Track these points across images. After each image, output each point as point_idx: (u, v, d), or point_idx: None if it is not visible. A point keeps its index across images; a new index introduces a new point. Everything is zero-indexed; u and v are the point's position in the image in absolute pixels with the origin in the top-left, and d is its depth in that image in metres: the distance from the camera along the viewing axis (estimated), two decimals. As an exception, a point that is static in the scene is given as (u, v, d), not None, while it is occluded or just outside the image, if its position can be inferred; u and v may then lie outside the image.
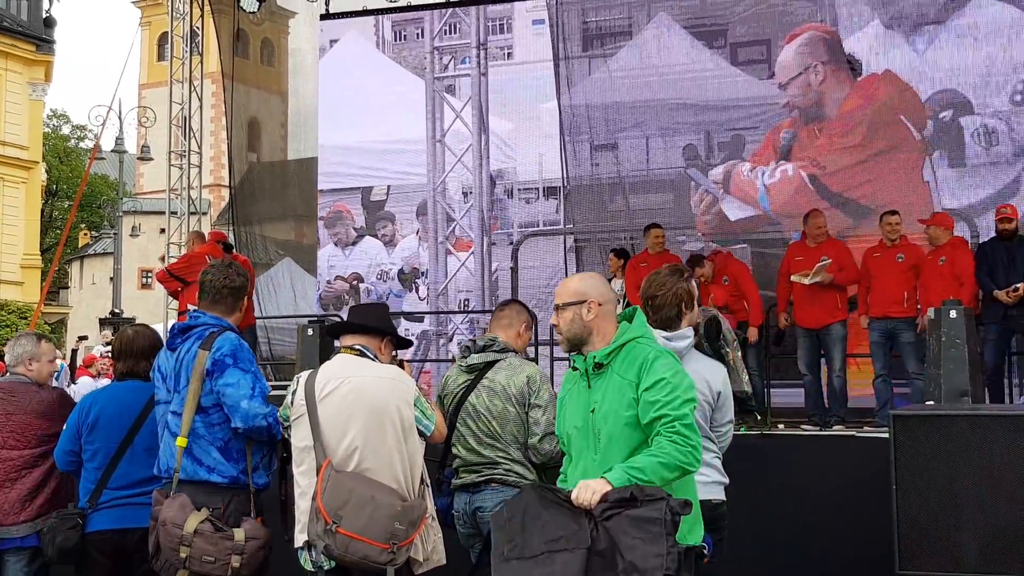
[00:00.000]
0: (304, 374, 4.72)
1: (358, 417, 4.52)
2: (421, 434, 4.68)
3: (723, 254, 11.18)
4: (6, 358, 6.09)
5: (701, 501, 4.26)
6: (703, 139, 16.10)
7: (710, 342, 4.84)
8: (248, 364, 4.89)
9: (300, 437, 4.59)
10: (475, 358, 5.43)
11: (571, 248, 16.41)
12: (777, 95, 15.34)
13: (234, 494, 4.79)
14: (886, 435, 5.80)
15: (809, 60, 14.99)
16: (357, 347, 4.76)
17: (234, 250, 12.80)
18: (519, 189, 17.42)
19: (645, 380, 3.90)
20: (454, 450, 5.42)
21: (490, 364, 5.40)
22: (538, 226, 17.20)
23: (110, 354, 5.85)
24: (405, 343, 4.98)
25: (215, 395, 4.77)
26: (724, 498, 4.66)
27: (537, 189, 17.38)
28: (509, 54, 17.80)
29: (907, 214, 11.09)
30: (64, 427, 5.49)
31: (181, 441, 4.74)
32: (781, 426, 9.54)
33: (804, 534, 7.44)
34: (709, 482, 4.55)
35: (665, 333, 4.51)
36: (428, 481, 4.78)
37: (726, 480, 4.69)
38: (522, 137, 17.20)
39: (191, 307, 5.30)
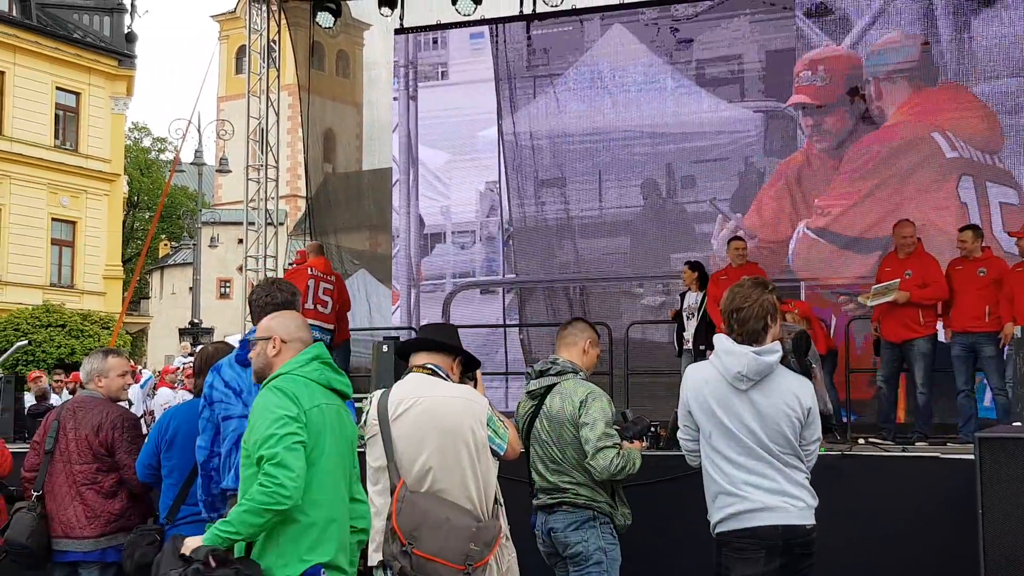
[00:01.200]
0: (377, 393, 4.73)
1: (431, 437, 4.51)
2: (495, 453, 4.67)
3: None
4: (81, 375, 6.22)
5: (794, 527, 4.34)
6: (664, 173, 14.68)
7: (798, 358, 4.75)
8: None
9: (374, 456, 4.60)
10: (534, 384, 5.51)
11: (512, 302, 15.16)
12: (750, 119, 14.01)
13: None
14: (970, 456, 5.64)
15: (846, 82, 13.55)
16: (429, 366, 4.75)
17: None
18: (453, 232, 15.85)
19: (251, 419, 4.18)
20: (532, 474, 5.56)
21: (549, 388, 5.45)
22: (474, 275, 15.76)
23: (191, 366, 5.96)
24: (475, 362, 4.96)
25: None
26: (814, 522, 4.55)
27: (473, 232, 15.77)
28: (443, 73, 16.24)
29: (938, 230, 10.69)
30: (145, 440, 5.65)
31: None
32: (861, 441, 9.37)
33: (886, 558, 7.28)
34: (803, 507, 4.47)
35: (753, 348, 4.45)
36: (502, 501, 4.77)
37: (816, 503, 4.58)
38: (457, 171, 15.70)
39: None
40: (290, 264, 14.30)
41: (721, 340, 4.56)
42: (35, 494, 5.91)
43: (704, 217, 14.29)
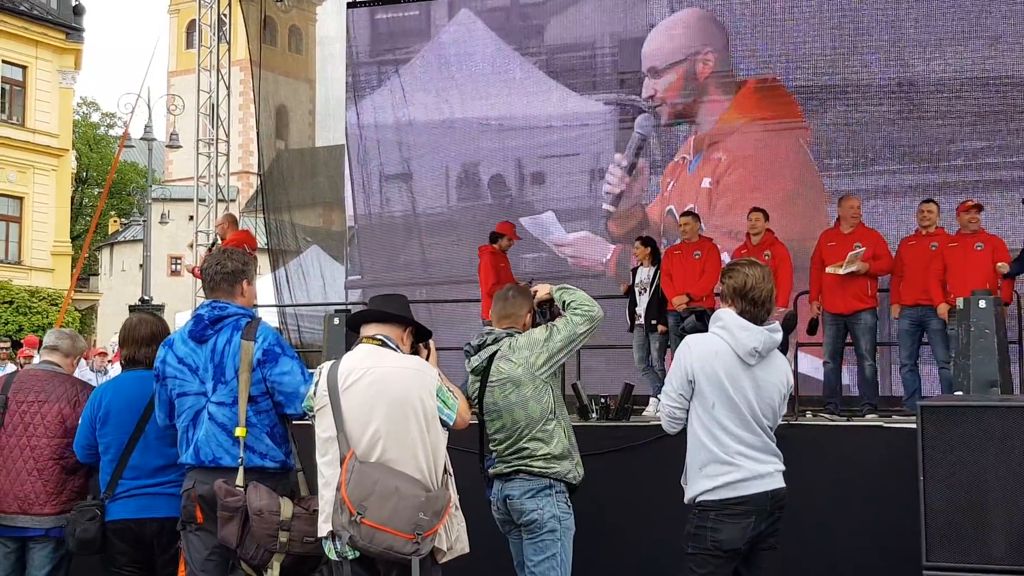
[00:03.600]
0: (327, 364, 4.74)
1: (381, 407, 4.54)
2: (443, 424, 4.71)
3: (771, 231, 10.96)
4: (63, 346, 6.10)
5: (778, 490, 4.76)
6: (513, 168, 14.31)
7: (785, 336, 5.00)
8: (291, 350, 5.04)
9: (324, 427, 4.62)
10: (475, 360, 5.58)
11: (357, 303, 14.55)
12: (601, 112, 13.71)
13: (280, 477, 4.91)
14: (914, 425, 5.77)
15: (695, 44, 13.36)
16: (379, 337, 4.78)
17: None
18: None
19: None
20: (489, 444, 5.63)
21: (491, 358, 5.52)
22: None
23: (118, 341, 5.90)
24: (426, 333, 4.99)
25: (265, 384, 4.86)
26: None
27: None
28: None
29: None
30: (80, 420, 5.56)
31: (241, 431, 4.81)
32: (808, 414, 9.51)
33: (831, 525, 7.43)
34: (781, 472, 4.84)
35: (765, 326, 4.77)
36: (451, 471, 4.81)
37: (784, 467, 4.91)
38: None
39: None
40: (213, 244, 14.07)
41: (731, 316, 4.79)
42: None
43: (557, 215, 14.01)
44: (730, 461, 4.71)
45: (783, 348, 5.01)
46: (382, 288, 14.20)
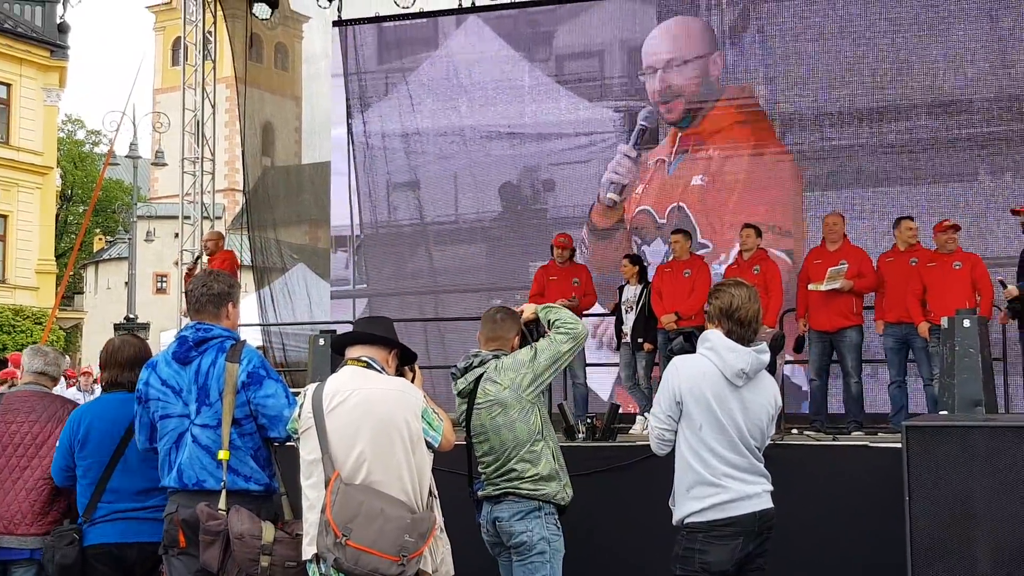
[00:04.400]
0: (311, 387, 4.75)
1: (366, 429, 4.54)
2: (429, 446, 4.71)
3: (763, 249, 10.94)
4: (36, 366, 6.03)
5: (766, 511, 4.76)
6: (523, 176, 14.33)
7: (772, 357, 5.02)
8: (276, 373, 5.03)
9: (308, 449, 4.61)
10: (462, 383, 5.59)
11: (364, 312, 14.70)
12: (611, 119, 13.73)
13: (264, 500, 4.89)
14: (899, 444, 5.80)
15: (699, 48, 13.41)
16: (364, 359, 4.79)
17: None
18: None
19: None
20: (478, 467, 5.66)
21: (478, 380, 5.54)
22: (329, 283, 15.64)
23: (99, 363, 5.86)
24: (411, 355, 5.01)
25: (249, 407, 4.85)
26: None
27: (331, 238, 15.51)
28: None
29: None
30: (58, 443, 5.49)
31: (224, 454, 4.79)
32: (794, 431, 9.54)
33: (816, 545, 7.44)
34: (769, 492, 4.85)
35: (753, 347, 4.77)
36: (436, 493, 4.82)
37: (772, 487, 4.91)
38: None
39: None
40: (198, 259, 14.05)
41: (719, 337, 4.80)
42: None
43: (565, 223, 13.92)
44: (717, 483, 4.72)
45: (771, 369, 5.05)
46: (388, 298, 14.52)
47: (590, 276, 11.48)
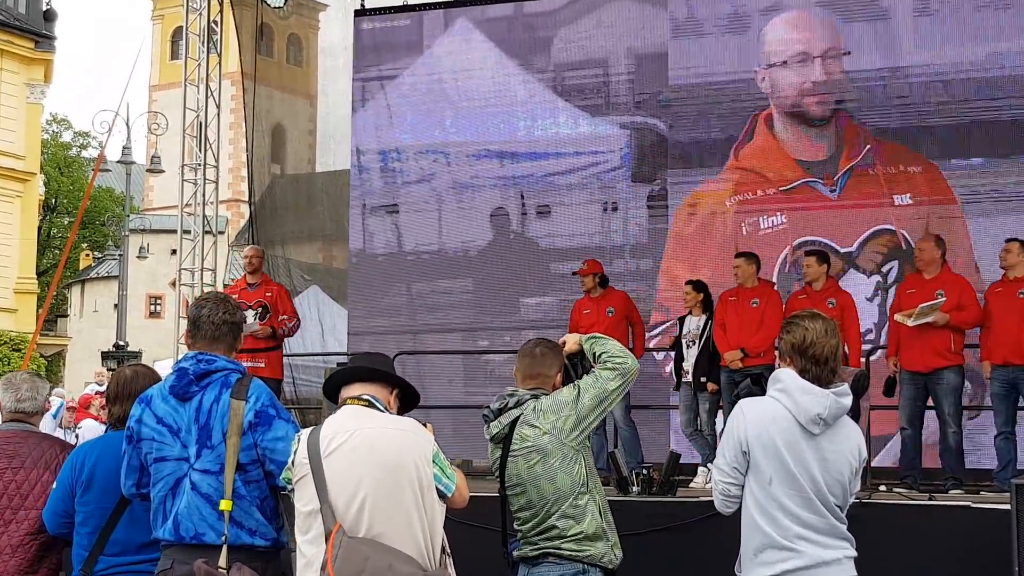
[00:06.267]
0: (306, 431, 4.71)
1: (370, 474, 4.50)
2: (441, 495, 4.68)
3: (834, 278, 10.87)
4: (9, 403, 5.95)
5: None
6: (516, 200, 14.33)
7: (855, 400, 4.93)
8: (287, 413, 5.01)
9: (305, 500, 4.58)
10: (495, 426, 5.55)
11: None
12: (617, 136, 13.72)
13: (271, 557, 4.88)
14: (1006, 505, 5.71)
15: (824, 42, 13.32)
16: (365, 397, 4.77)
17: None
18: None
19: None
20: (514, 523, 5.58)
21: (514, 423, 5.50)
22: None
23: (105, 394, 5.84)
24: (414, 398, 4.98)
25: (256, 450, 4.84)
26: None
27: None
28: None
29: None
30: (55, 485, 5.46)
31: (226, 504, 4.76)
32: (883, 488, 9.44)
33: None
34: (852, 558, 4.71)
35: (832, 389, 4.66)
36: (449, 551, 4.78)
37: (855, 553, 4.78)
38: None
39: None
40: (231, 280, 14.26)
41: (792, 376, 4.70)
42: None
43: (561, 254, 13.90)
44: (790, 546, 4.62)
45: (854, 415, 4.96)
46: (363, 336, 14.44)
47: (629, 303, 11.43)
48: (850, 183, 13.28)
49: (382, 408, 4.77)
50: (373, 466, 4.52)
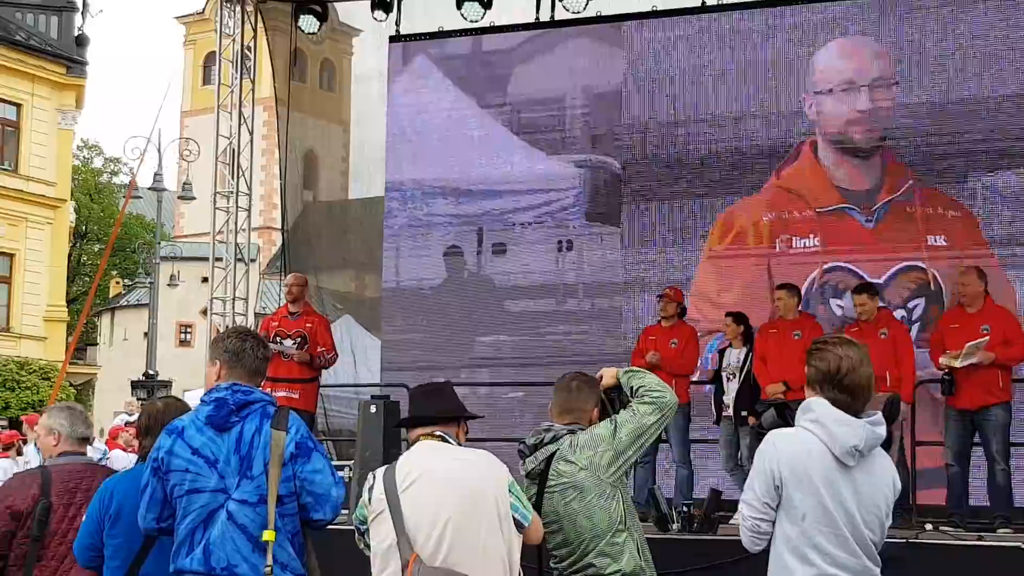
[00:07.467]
0: (381, 469, 4.86)
1: (448, 505, 4.64)
2: (519, 525, 4.76)
3: (887, 308, 10.83)
4: (80, 431, 6.15)
5: None
6: (473, 238, 14.55)
7: (887, 428, 4.81)
8: (321, 446, 5.10)
9: (382, 536, 4.70)
10: (531, 462, 5.55)
11: None
12: (572, 175, 13.96)
13: None
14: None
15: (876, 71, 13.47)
16: (438, 433, 4.93)
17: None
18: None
19: None
20: (551, 562, 5.56)
21: (550, 459, 5.50)
22: None
23: (136, 427, 5.90)
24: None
25: (295, 482, 4.90)
26: None
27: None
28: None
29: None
30: (84, 518, 5.52)
31: (269, 535, 4.80)
32: (929, 527, 9.35)
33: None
34: None
35: (866, 418, 4.52)
36: None
37: None
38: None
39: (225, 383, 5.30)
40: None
41: (825, 406, 4.55)
42: None
43: (517, 293, 14.08)
44: None
45: (886, 445, 4.84)
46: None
47: (693, 338, 11.46)
48: (887, 216, 13.34)
49: (453, 442, 4.93)
50: (452, 496, 4.68)
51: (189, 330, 53.01)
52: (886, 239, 13.28)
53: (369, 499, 4.77)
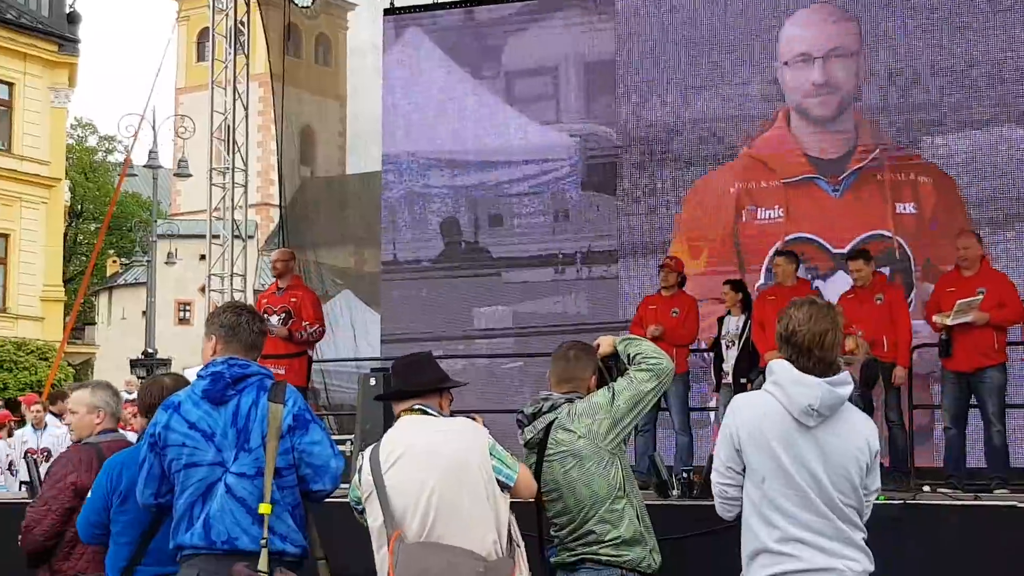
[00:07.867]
0: (368, 449, 4.91)
1: (432, 477, 4.70)
2: (504, 486, 4.82)
3: (881, 273, 10.91)
4: (117, 408, 6.25)
5: None
6: (467, 210, 14.64)
7: (864, 390, 4.80)
8: (319, 419, 5.13)
9: (374, 515, 4.77)
10: (529, 431, 5.61)
11: None
12: (568, 145, 14.02)
13: (297, 567, 4.94)
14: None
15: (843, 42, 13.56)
16: (418, 407, 4.97)
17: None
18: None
19: None
20: (550, 530, 5.64)
21: (548, 428, 5.56)
22: None
23: (137, 405, 5.96)
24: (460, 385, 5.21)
25: (292, 455, 4.92)
26: None
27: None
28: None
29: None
30: (89, 494, 5.57)
31: (265, 508, 4.81)
32: (926, 489, 9.43)
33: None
34: (859, 572, 4.43)
35: (827, 379, 4.43)
36: (521, 543, 4.89)
37: (872, 568, 4.48)
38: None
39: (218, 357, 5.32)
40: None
41: (784, 367, 4.47)
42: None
43: (515, 262, 14.19)
44: (782, 551, 4.37)
45: (868, 408, 4.77)
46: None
47: (694, 308, 11.52)
48: (855, 184, 13.44)
49: (435, 413, 4.98)
50: (434, 470, 4.73)
51: (188, 308, 52.90)
52: (852, 209, 13.39)
53: (359, 480, 4.84)
